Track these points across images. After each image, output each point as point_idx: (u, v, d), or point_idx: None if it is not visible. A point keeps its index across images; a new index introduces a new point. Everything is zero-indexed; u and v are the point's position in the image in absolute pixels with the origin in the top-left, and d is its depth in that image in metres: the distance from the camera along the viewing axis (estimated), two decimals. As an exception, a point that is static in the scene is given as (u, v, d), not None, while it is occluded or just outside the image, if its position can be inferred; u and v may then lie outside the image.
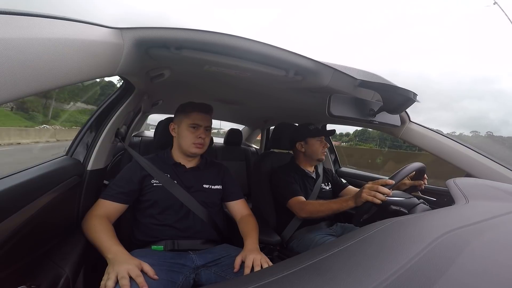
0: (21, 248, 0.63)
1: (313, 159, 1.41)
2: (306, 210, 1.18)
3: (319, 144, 1.39)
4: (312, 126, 1.43)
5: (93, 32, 0.52)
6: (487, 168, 1.04)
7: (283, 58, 0.77)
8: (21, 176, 0.64)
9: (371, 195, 0.93)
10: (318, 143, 1.39)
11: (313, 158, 1.40)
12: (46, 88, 0.41)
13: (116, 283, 0.67)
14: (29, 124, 9.24)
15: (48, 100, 9.62)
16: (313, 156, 1.39)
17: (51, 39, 0.40)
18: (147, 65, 0.85)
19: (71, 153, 0.92)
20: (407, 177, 1.13)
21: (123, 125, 1.11)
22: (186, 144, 1.04)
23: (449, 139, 1.13)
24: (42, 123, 7.54)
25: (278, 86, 1.06)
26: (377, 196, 0.92)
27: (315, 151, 1.38)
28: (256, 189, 1.50)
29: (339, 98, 0.86)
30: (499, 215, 0.60)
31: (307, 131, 1.41)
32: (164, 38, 0.67)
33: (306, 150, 1.41)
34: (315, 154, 1.38)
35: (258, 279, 0.34)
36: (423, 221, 0.58)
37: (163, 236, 0.97)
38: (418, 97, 0.83)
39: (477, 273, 0.37)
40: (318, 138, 1.39)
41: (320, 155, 1.38)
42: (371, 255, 0.41)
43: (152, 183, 1.00)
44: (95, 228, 0.84)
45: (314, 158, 1.40)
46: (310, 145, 1.40)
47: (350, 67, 0.90)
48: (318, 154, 1.38)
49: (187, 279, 0.85)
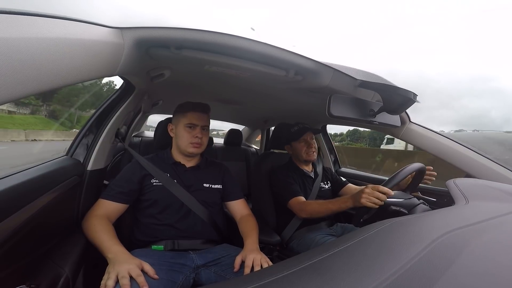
0: (21, 247, 0.62)
1: (300, 160, 1.41)
2: (306, 211, 1.18)
3: (302, 145, 1.39)
4: (296, 126, 1.42)
5: (93, 31, 0.52)
6: (487, 168, 1.04)
7: (283, 58, 0.77)
8: (21, 176, 0.64)
9: (370, 201, 0.94)
10: (301, 145, 1.39)
11: (299, 159, 1.41)
12: (47, 88, 0.41)
13: (116, 283, 0.67)
14: (61, 128, 10.43)
15: (73, 109, 11.33)
16: (299, 157, 1.40)
17: (51, 38, 0.40)
18: (147, 65, 0.85)
19: (71, 153, 0.92)
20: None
21: (123, 125, 1.11)
22: (183, 144, 1.05)
23: (449, 139, 1.13)
24: (71, 128, 8.96)
25: (278, 86, 1.06)
26: (376, 203, 0.93)
27: (298, 153, 1.39)
28: (256, 189, 1.50)
29: (339, 98, 0.86)
30: (499, 216, 0.60)
31: (290, 134, 1.42)
32: (165, 38, 0.68)
33: (292, 152, 1.44)
34: (300, 155, 1.39)
35: (258, 279, 0.34)
36: (423, 222, 0.58)
37: (163, 236, 0.97)
38: (418, 97, 0.83)
39: (477, 274, 0.37)
40: (300, 140, 1.39)
41: (305, 157, 1.38)
42: (371, 255, 0.41)
43: (152, 183, 1.00)
44: (95, 228, 0.84)
45: (301, 159, 1.40)
46: (294, 148, 1.41)
47: (350, 67, 0.90)
48: (303, 155, 1.38)
49: (187, 279, 0.85)
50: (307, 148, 1.38)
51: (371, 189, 0.96)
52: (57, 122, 11.96)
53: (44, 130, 9.90)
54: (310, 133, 1.41)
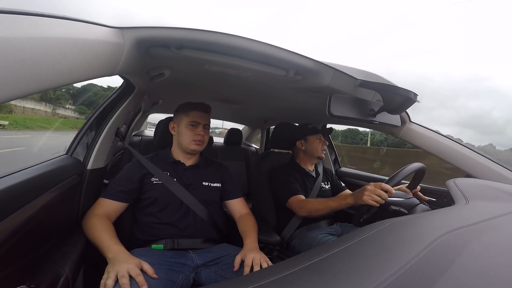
0: (21, 247, 0.62)
1: (313, 156, 1.42)
2: (305, 209, 1.18)
3: (318, 141, 1.40)
4: (311, 125, 1.45)
5: (93, 31, 0.52)
6: (487, 168, 1.04)
7: (284, 58, 0.77)
8: (21, 175, 0.64)
9: (373, 199, 0.94)
10: (318, 141, 1.40)
11: (313, 155, 1.41)
12: (47, 87, 0.41)
13: (116, 282, 0.67)
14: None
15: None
16: (313, 153, 1.41)
17: (51, 38, 0.40)
18: (147, 65, 0.85)
19: (71, 152, 0.92)
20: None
21: (123, 125, 1.11)
22: (186, 141, 1.06)
23: (449, 139, 1.13)
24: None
25: (279, 86, 1.06)
26: (378, 201, 0.93)
27: (314, 148, 1.40)
28: (256, 189, 1.50)
29: (340, 98, 0.86)
30: (499, 216, 0.60)
31: (306, 129, 1.43)
32: (165, 38, 0.67)
33: (306, 148, 1.43)
34: (315, 151, 1.40)
35: (258, 279, 0.34)
36: (423, 222, 0.57)
37: (163, 235, 0.97)
38: (418, 97, 0.83)
39: (477, 274, 0.37)
40: (317, 136, 1.41)
41: (319, 153, 1.40)
42: (371, 255, 0.41)
43: (152, 181, 1.01)
44: (95, 227, 0.84)
45: (314, 155, 1.41)
46: (309, 142, 1.41)
47: (351, 67, 0.90)
48: (318, 151, 1.40)
49: (187, 278, 0.85)
50: (322, 145, 1.41)
51: (373, 187, 0.96)
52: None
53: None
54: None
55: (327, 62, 0.84)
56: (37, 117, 23.51)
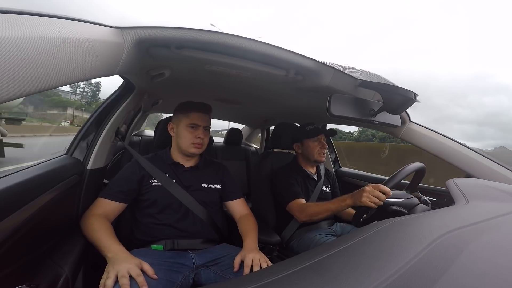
0: (21, 247, 0.62)
1: (310, 160, 1.39)
2: (306, 213, 1.17)
3: (315, 145, 1.36)
4: (311, 126, 1.41)
5: (93, 31, 0.52)
6: (487, 168, 1.04)
7: (284, 58, 0.77)
8: (21, 175, 0.63)
9: (371, 200, 0.93)
10: (315, 144, 1.36)
11: (309, 159, 1.39)
12: (47, 87, 0.41)
13: (116, 282, 0.67)
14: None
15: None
16: (310, 157, 1.38)
17: (51, 38, 0.40)
18: (147, 65, 0.85)
19: (71, 152, 0.92)
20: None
21: (123, 124, 1.11)
22: (185, 144, 1.04)
23: (449, 139, 1.13)
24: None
25: (279, 86, 1.06)
26: (376, 202, 0.93)
27: (310, 152, 1.37)
28: (256, 189, 1.50)
29: (340, 98, 0.86)
30: (499, 216, 0.60)
31: (304, 132, 1.39)
32: (165, 38, 0.67)
33: (302, 151, 1.41)
34: (311, 155, 1.37)
35: (258, 279, 0.34)
36: (422, 222, 0.57)
37: (162, 236, 0.96)
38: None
39: (477, 274, 0.36)
40: (315, 139, 1.37)
41: (316, 157, 1.36)
42: (371, 255, 0.41)
43: (151, 183, 1.00)
44: (94, 227, 0.84)
45: (311, 159, 1.38)
46: (305, 146, 1.39)
47: (351, 67, 0.90)
48: (314, 155, 1.36)
49: (187, 279, 0.85)
50: (320, 148, 1.36)
51: (372, 188, 0.95)
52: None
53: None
54: (323, 135, 1.40)
55: (327, 62, 0.84)
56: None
